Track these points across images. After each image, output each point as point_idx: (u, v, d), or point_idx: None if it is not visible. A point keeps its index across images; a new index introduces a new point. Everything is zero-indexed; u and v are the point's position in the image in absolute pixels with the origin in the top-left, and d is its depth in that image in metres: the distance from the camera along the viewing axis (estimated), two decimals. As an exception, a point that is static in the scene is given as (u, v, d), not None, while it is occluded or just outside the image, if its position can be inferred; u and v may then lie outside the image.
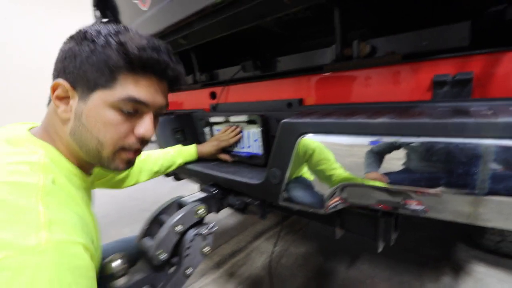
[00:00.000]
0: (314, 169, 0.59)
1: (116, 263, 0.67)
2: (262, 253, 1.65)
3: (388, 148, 0.49)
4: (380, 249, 0.64)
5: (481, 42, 0.55)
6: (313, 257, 1.58)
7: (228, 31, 0.85)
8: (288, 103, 0.88)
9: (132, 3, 1.05)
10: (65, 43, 0.49)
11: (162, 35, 0.97)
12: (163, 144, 1.14)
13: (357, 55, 0.73)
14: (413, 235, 1.70)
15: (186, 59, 1.26)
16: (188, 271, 0.78)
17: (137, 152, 0.56)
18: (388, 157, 0.49)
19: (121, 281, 0.69)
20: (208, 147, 1.04)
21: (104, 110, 0.47)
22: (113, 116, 0.48)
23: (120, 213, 2.35)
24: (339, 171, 0.55)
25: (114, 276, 0.67)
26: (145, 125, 0.52)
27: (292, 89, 0.90)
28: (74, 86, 0.47)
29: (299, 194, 0.65)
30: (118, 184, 0.89)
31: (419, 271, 1.36)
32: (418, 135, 0.43)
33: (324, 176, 0.58)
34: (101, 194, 2.91)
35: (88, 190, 0.57)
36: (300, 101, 0.86)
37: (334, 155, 0.56)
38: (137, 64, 0.47)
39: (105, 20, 1.31)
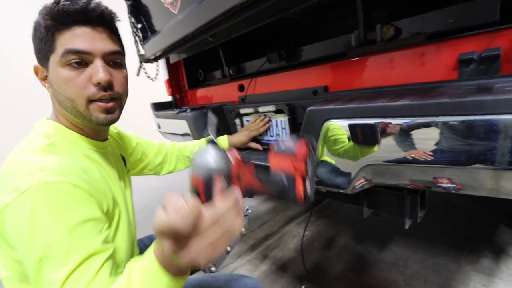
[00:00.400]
0: (329, 139, 0.64)
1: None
2: (294, 236, 1.72)
3: (414, 129, 0.51)
4: (407, 226, 0.67)
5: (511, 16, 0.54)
6: (344, 240, 1.61)
7: (254, 26, 0.90)
8: (314, 90, 0.91)
9: (164, 7, 1.14)
10: None
11: (192, 35, 1.05)
12: (197, 136, 1.24)
13: (381, 39, 0.74)
14: (451, 218, 1.65)
15: (215, 55, 1.34)
16: (228, 248, 0.87)
17: (110, 101, 0.58)
18: (415, 137, 0.52)
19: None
20: (239, 137, 1.12)
21: (58, 71, 0.54)
22: (66, 72, 0.54)
23: (161, 203, 2.56)
24: (361, 151, 0.59)
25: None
26: (95, 71, 0.55)
27: (317, 77, 0.93)
28: (42, 64, 0.57)
29: (326, 176, 0.70)
30: (157, 171, 1.00)
31: (457, 254, 1.33)
32: (437, 115, 0.45)
33: (336, 140, 0.63)
34: (142, 186, 3.17)
35: (105, 154, 0.66)
36: (326, 88, 0.89)
37: (360, 140, 0.59)
38: (58, 19, 0.51)
39: (139, 25, 1.43)
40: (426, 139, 0.51)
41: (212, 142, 0.99)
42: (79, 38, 0.53)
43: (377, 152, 0.57)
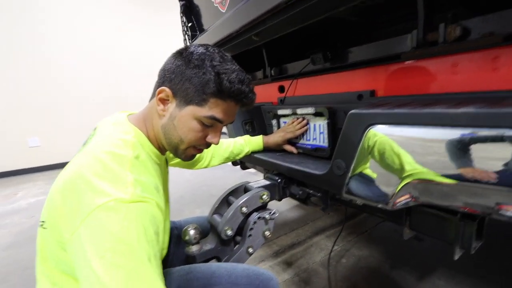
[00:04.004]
0: (370, 147, 0.58)
1: (192, 232, 0.79)
2: (321, 249, 1.63)
3: (476, 142, 0.44)
4: (456, 257, 0.57)
5: None
6: (377, 261, 1.48)
7: (300, 25, 0.87)
8: (359, 95, 0.85)
9: (213, 7, 1.17)
10: (175, 58, 0.62)
11: (237, 33, 1.05)
12: (233, 134, 1.24)
13: (444, 40, 0.65)
14: (512, 258, 1.41)
15: (257, 55, 1.34)
16: (251, 249, 0.85)
17: (202, 151, 0.70)
18: (477, 151, 0.44)
19: (194, 248, 0.80)
20: (274, 138, 1.09)
21: (191, 120, 0.61)
22: (196, 126, 0.62)
23: (194, 196, 2.65)
24: (408, 163, 0.52)
25: (189, 242, 0.79)
26: (215, 136, 0.67)
27: (364, 80, 0.87)
28: (174, 95, 0.61)
29: (363, 187, 0.63)
30: (191, 165, 1.02)
31: (518, 301, 1.12)
32: (510, 127, 0.37)
33: (391, 169, 0.56)
34: (178, 180, 3.32)
35: (162, 166, 0.71)
36: (372, 93, 0.82)
37: (409, 151, 0.53)
38: (226, 94, 0.60)
39: (189, 24, 1.50)
40: (492, 155, 0.43)
41: None
42: (225, 110, 0.62)
43: (427, 165, 0.49)
